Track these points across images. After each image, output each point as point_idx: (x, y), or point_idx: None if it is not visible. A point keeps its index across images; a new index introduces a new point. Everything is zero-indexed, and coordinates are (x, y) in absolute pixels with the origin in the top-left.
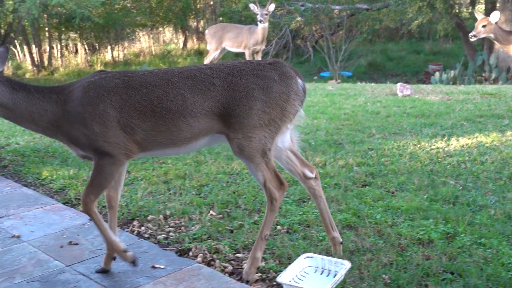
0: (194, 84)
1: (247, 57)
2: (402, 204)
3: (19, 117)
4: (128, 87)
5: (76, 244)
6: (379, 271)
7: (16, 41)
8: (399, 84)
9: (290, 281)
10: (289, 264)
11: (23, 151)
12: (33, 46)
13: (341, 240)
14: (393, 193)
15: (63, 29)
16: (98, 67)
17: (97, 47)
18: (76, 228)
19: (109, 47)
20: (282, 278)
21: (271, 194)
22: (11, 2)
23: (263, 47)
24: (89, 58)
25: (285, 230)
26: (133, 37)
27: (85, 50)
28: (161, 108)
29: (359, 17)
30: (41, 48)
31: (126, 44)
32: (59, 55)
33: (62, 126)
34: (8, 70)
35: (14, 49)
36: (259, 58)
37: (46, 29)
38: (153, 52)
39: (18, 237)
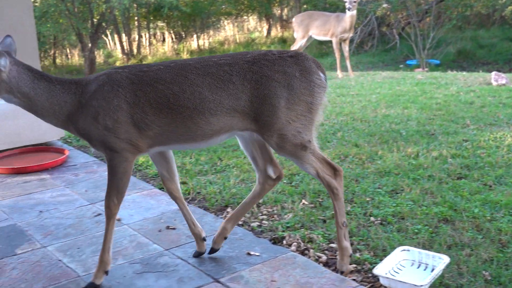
0: (212, 82)
1: (334, 45)
2: (501, 198)
3: (40, 108)
4: (143, 83)
5: (173, 229)
6: (478, 267)
7: (107, 31)
8: (493, 73)
9: (386, 274)
10: (384, 256)
11: None
12: (123, 35)
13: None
14: (490, 186)
15: (151, 18)
16: (185, 56)
17: (183, 35)
18: (172, 213)
19: (195, 36)
20: (378, 270)
21: (328, 184)
22: None
23: (351, 35)
24: (175, 46)
25: (379, 221)
26: (218, 25)
27: (172, 38)
28: (178, 106)
29: (449, 3)
30: (131, 37)
31: (211, 32)
32: (147, 43)
33: (76, 119)
34: (99, 58)
35: (105, 38)
36: (347, 46)
37: (136, 18)
38: (238, 41)
39: (119, 220)
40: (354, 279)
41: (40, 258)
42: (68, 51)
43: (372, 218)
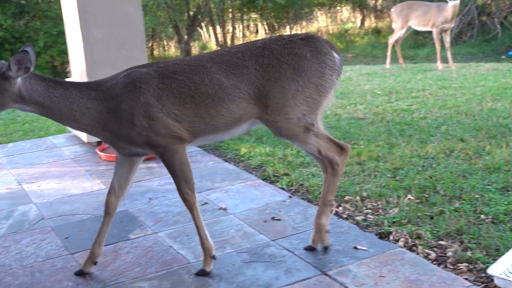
0: (228, 69)
1: (435, 36)
2: None
3: (59, 115)
4: (163, 76)
5: (279, 220)
6: None
7: (202, 23)
8: None
9: (501, 274)
10: (498, 256)
11: None
12: (218, 27)
13: None
14: None
15: (245, 10)
16: None
17: (276, 27)
18: (277, 204)
19: (287, 27)
20: (493, 270)
21: (331, 160)
22: None
23: (452, 25)
24: None
25: (490, 220)
26: (311, 16)
27: (265, 30)
28: (199, 94)
29: None
30: (225, 28)
31: (304, 23)
32: (241, 35)
33: (112, 127)
34: (195, 49)
35: (200, 30)
36: (448, 37)
37: (230, 10)
38: (330, 32)
39: (225, 209)
40: (466, 278)
41: (152, 244)
42: (165, 43)
43: (482, 216)
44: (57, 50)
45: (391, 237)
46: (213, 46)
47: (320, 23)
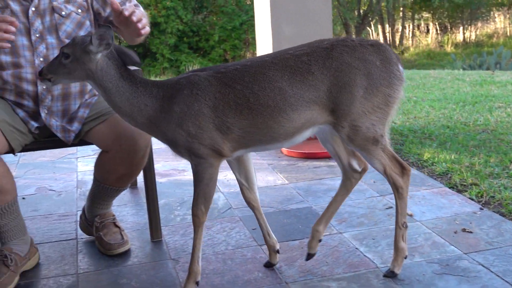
0: (291, 76)
1: None
2: None
3: (118, 106)
4: (221, 84)
5: (470, 232)
6: None
7: (371, 21)
8: None
9: None
10: None
11: (400, 130)
12: (387, 25)
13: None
14: None
15: (417, 8)
16: (449, 48)
17: (448, 27)
18: (467, 215)
19: (461, 28)
20: None
21: (394, 182)
22: None
23: None
24: (439, 38)
25: None
26: (488, 17)
27: (436, 30)
28: (258, 105)
29: None
30: (394, 27)
31: (479, 24)
32: (410, 35)
33: (160, 125)
34: None
35: (368, 29)
36: None
37: (401, 9)
38: (508, 34)
39: (411, 215)
40: None
41: (337, 244)
42: None
43: None
44: (230, 45)
45: None
46: None
47: (497, 24)
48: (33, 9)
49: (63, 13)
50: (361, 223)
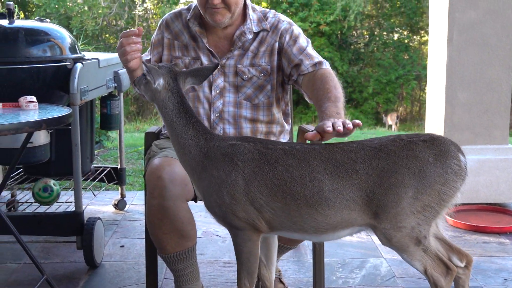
0: (334, 170)
1: None
2: None
3: (172, 140)
4: (264, 161)
5: None
6: None
7: None
8: None
9: None
10: None
11: None
12: None
13: None
14: None
15: None
16: None
17: None
18: None
19: None
20: None
21: (435, 282)
22: None
23: None
24: None
25: None
26: None
27: None
28: (293, 192)
29: None
30: None
31: None
32: None
33: (198, 180)
34: None
35: None
36: None
37: None
38: None
39: None
40: None
41: None
42: None
43: None
44: (383, 98)
45: None
46: None
47: None
48: (219, 66)
49: (245, 76)
50: None
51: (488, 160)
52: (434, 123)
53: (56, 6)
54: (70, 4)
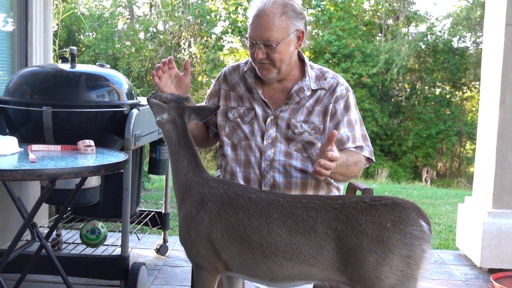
0: (293, 225)
1: None
2: None
3: (170, 160)
4: (230, 205)
5: None
6: None
7: None
8: None
9: None
10: None
11: None
12: None
13: None
14: None
15: None
16: None
17: None
18: None
19: None
20: None
21: None
22: None
23: None
24: None
25: None
26: None
27: None
28: (251, 240)
29: None
30: None
31: None
32: None
33: (178, 211)
34: None
35: None
36: None
37: None
38: None
39: None
40: None
41: None
42: None
43: None
44: (423, 152)
45: None
46: None
47: None
48: (272, 117)
49: (297, 130)
50: None
51: None
52: (483, 184)
53: (105, 47)
54: (119, 46)
